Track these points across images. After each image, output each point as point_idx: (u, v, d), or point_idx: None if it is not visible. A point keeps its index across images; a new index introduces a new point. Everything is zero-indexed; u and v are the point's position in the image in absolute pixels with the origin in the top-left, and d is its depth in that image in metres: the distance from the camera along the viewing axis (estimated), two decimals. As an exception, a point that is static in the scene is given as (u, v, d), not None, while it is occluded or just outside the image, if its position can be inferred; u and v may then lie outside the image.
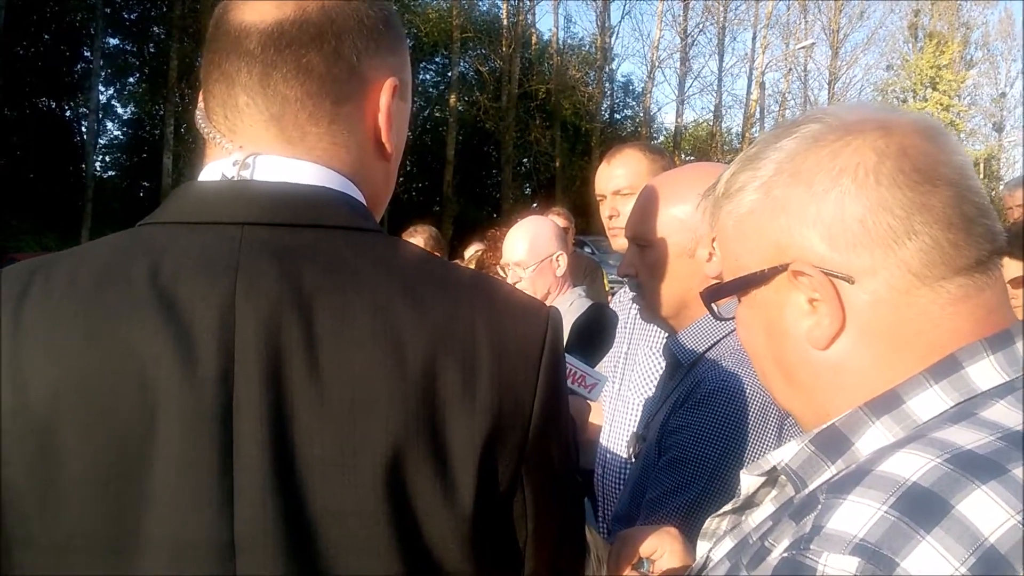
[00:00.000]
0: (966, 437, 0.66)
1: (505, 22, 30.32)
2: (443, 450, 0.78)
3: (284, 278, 0.79)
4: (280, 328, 0.77)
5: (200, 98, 0.91)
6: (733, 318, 0.91)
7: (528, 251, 2.85)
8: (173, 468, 0.75)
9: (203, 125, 0.89)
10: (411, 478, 0.77)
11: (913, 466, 0.64)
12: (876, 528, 0.61)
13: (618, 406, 2.17)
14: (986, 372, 0.72)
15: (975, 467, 0.62)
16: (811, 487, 0.75)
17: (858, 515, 0.63)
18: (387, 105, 0.91)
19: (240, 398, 0.76)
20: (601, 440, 2.17)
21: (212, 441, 0.75)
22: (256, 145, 0.86)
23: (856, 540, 0.61)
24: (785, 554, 0.66)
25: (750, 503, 0.88)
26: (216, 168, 0.86)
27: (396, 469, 0.77)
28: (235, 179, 0.84)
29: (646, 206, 1.59)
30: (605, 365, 1.85)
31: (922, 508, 0.61)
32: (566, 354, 1.22)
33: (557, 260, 2.86)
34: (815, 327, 0.77)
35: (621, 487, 2.00)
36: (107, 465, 0.75)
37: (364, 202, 0.89)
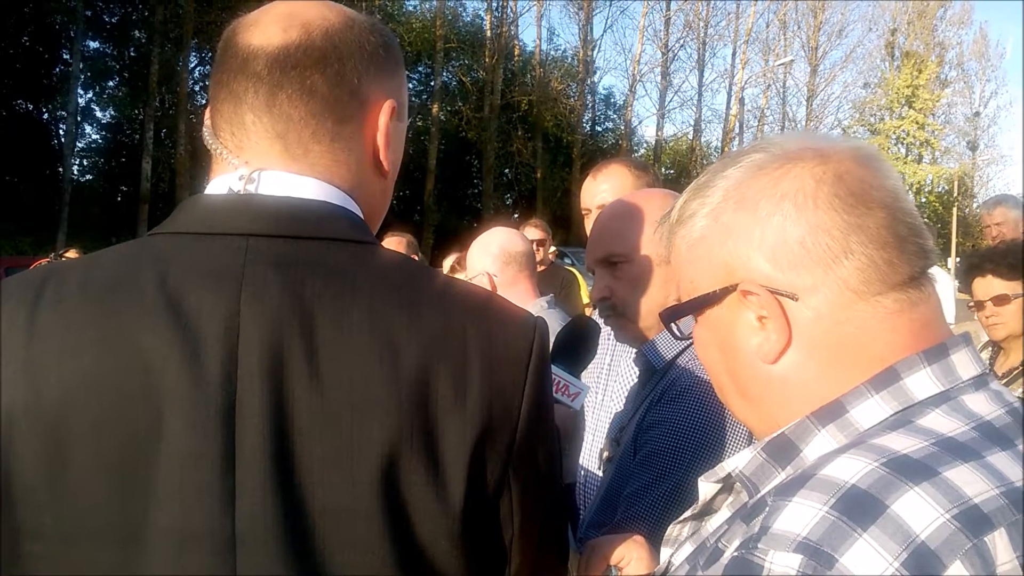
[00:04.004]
0: (903, 443, 0.71)
1: (488, 33, 30.45)
2: (435, 452, 0.82)
3: (286, 287, 0.83)
4: (282, 334, 0.81)
5: (207, 115, 0.96)
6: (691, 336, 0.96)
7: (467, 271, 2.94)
8: (178, 465, 0.79)
9: (210, 141, 0.93)
10: (405, 478, 0.81)
11: (852, 469, 0.69)
12: (818, 527, 0.66)
13: (601, 416, 2.20)
14: (923, 383, 0.77)
15: (909, 470, 0.68)
16: (763, 492, 0.80)
17: (801, 515, 0.67)
18: (385, 125, 0.96)
19: (243, 400, 0.80)
20: (583, 451, 2.21)
21: (216, 440, 0.79)
22: (261, 161, 0.90)
23: (799, 539, 0.66)
24: (735, 553, 0.71)
25: (709, 509, 0.92)
26: (223, 182, 0.91)
27: (391, 469, 0.81)
28: (241, 193, 0.89)
29: (614, 226, 1.63)
30: (588, 376, 1.88)
31: (859, 508, 0.66)
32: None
33: (487, 278, 2.90)
34: (764, 342, 0.82)
35: (601, 496, 2.03)
36: (115, 461, 0.79)
37: (362, 216, 0.94)
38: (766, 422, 0.85)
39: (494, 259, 2.92)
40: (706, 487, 0.90)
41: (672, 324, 0.96)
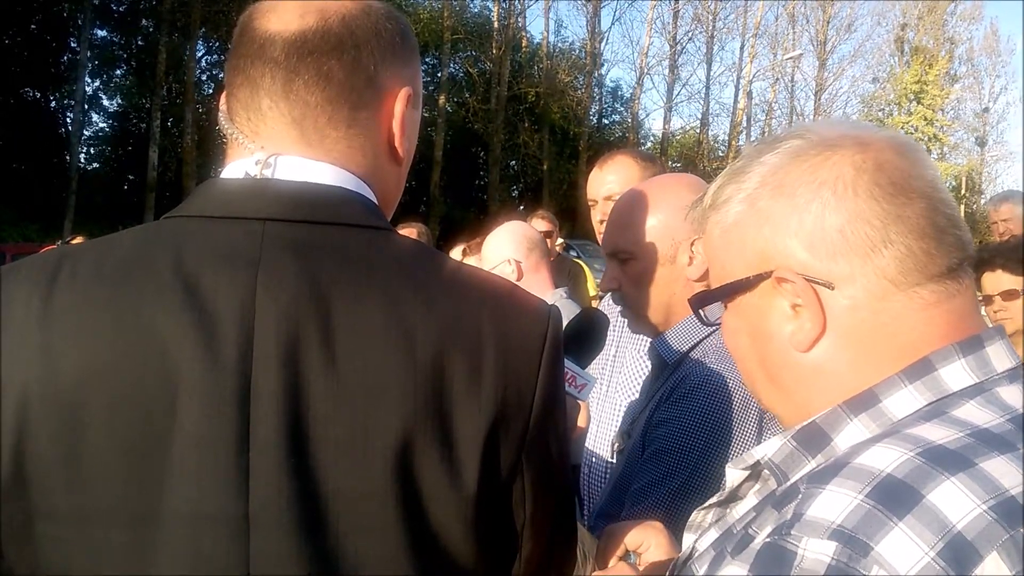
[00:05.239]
0: (938, 433, 0.71)
1: (496, 24, 30.35)
2: (449, 437, 0.83)
3: (302, 272, 0.83)
4: (298, 318, 0.82)
5: (223, 100, 0.96)
6: (719, 323, 0.96)
7: (483, 263, 2.93)
8: (193, 447, 0.80)
9: (226, 126, 0.94)
10: (419, 463, 0.82)
11: (888, 459, 0.69)
12: (852, 515, 0.66)
13: (605, 408, 2.21)
14: (957, 374, 0.77)
15: (945, 461, 0.67)
16: (792, 480, 0.80)
17: (836, 503, 0.67)
18: (401, 113, 0.96)
19: (258, 383, 0.81)
20: (587, 441, 2.21)
21: (230, 422, 0.80)
22: (277, 146, 0.91)
23: (834, 526, 0.66)
24: (768, 539, 0.70)
25: (734, 496, 0.92)
26: (239, 167, 0.91)
27: (405, 454, 0.81)
28: (258, 177, 0.89)
29: (623, 220, 1.63)
30: (593, 367, 1.89)
31: (895, 497, 0.66)
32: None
33: (512, 263, 2.90)
34: (797, 331, 0.82)
35: (605, 486, 2.04)
36: (130, 442, 0.80)
37: (377, 202, 0.94)
38: (796, 411, 0.85)
39: (518, 246, 2.92)
40: (734, 474, 0.89)
41: (699, 310, 0.95)
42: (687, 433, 1.47)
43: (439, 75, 29.28)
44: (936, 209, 0.80)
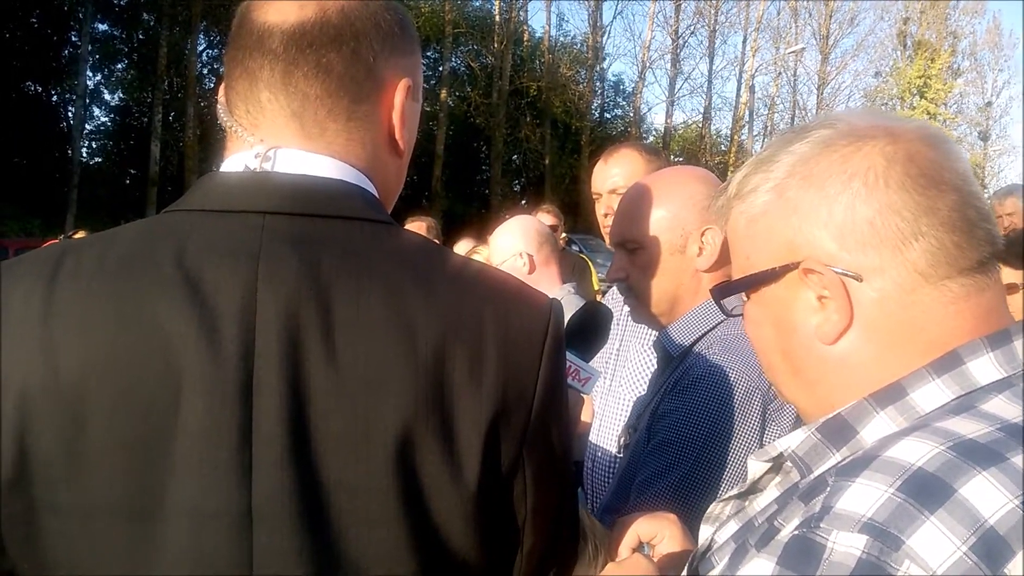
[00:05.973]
0: (967, 427, 0.70)
1: (497, 18, 30.27)
2: (451, 431, 0.83)
3: (303, 265, 0.83)
4: (299, 312, 0.81)
5: (221, 92, 0.95)
6: (736, 314, 0.95)
7: (492, 255, 2.92)
8: (196, 441, 0.79)
9: (225, 118, 0.93)
10: (420, 456, 0.82)
11: (918, 452, 0.68)
12: (883, 509, 0.65)
13: (609, 402, 2.21)
14: (986, 368, 0.76)
15: (977, 455, 0.67)
16: (816, 473, 0.79)
17: (866, 496, 0.66)
18: (401, 104, 0.95)
19: (260, 377, 0.80)
20: (591, 435, 2.21)
21: (233, 416, 0.80)
22: (277, 139, 0.90)
23: (864, 519, 0.65)
24: (796, 532, 0.70)
25: (754, 489, 0.91)
26: (239, 160, 0.91)
27: (406, 447, 0.81)
28: (257, 171, 0.88)
29: (633, 209, 1.63)
30: (596, 361, 1.89)
31: (927, 491, 0.65)
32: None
33: (525, 257, 2.89)
34: (824, 323, 0.81)
35: (610, 481, 2.04)
36: (133, 436, 0.79)
37: (377, 195, 0.94)
38: (819, 403, 0.84)
39: (530, 240, 2.92)
40: (756, 466, 0.89)
41: (721, 301, 0.95)
42: (689, 424, 1.47)
43: (441, 69, 29.20)
44: (967, 202, 0.79)
